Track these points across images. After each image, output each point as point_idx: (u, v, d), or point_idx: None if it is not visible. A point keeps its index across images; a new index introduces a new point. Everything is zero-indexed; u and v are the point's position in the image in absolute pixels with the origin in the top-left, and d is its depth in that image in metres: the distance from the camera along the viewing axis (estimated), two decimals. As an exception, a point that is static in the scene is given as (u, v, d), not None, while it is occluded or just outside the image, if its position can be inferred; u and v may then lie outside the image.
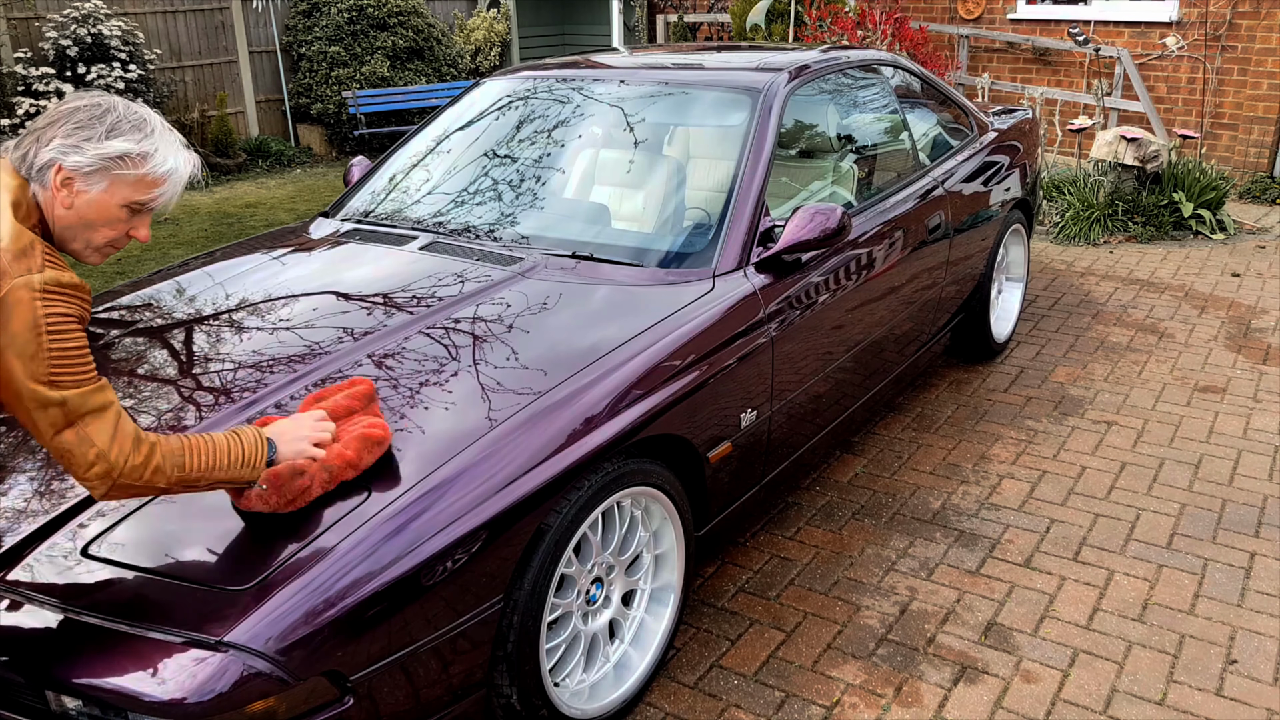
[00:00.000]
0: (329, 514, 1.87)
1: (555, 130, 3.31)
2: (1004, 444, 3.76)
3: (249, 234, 7.11)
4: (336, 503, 1.90)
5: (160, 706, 1.61)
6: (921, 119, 3.98)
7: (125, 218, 1.71)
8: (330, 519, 1.86)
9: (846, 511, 3.32)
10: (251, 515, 1.89)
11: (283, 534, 1.84)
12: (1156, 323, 5.01)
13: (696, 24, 10.75)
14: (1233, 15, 7.76)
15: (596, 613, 2.38)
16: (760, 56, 3.49)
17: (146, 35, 9.26)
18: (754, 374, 2.65)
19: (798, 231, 2.75)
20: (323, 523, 1.85)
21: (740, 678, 2.55)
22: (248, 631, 1.67)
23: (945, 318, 3.96)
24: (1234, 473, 3.52)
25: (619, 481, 2.24)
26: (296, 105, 10.68)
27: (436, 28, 11.06)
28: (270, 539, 1.83)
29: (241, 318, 2.63)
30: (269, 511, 1.86)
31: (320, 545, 1.80)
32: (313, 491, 1.88)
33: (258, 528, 1.86)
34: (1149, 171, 6.58)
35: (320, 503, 1.90)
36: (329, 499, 1.91)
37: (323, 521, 1.86)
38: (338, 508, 1.88)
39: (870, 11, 8.05)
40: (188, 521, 1.89)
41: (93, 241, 1.71)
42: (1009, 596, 2.86)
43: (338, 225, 3.28)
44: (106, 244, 1.72)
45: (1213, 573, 2.95)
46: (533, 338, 2.40)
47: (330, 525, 1.85)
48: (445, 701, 1.95)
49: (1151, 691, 2.47)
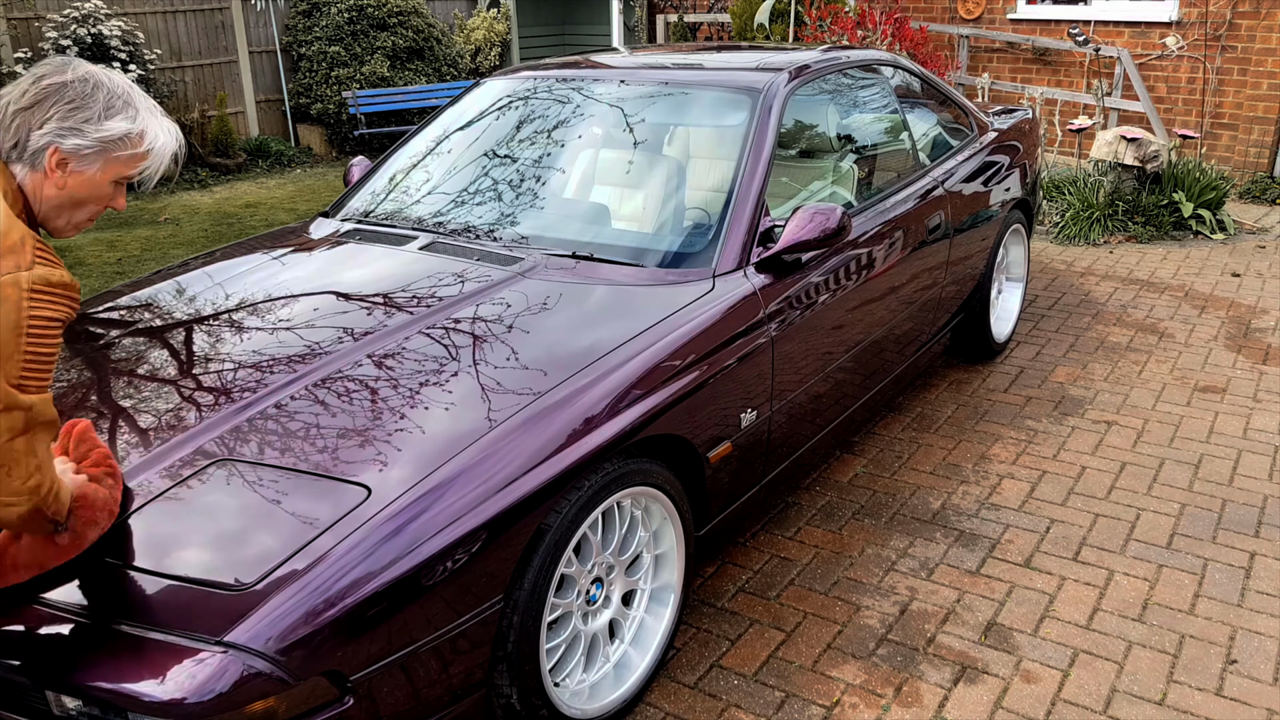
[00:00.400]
0: (329, 514, 1.87)
1: (555, 130, 3.31)
2: (1004, 444, 3.76)
3: (249, 234, 7.11)
4: (337, 503, 1.90)
5: (160, 706, 1.61)
6: (921, 119, 3.98)
7: (112, 193, 1.72)
8: (330, 519, 1.86)
9: (846, 511, 3.32)
10: (251, 515, 1.89)
11: (283, 534, 1.84)
12: (1156, 323, 5.01)
13: (696, 24, 10.75)
14: (1233, 15, 7.76)
15: (596, 613, 2.38)
16: (760, 56, 3.49)
17: (146, 35, 9.26)
18: (754, 374, 2.65)
19: (798, 231, 2.75)
20: (323, 523, 1.85)
21: (740, 678, 2.55)
22: (248, 631, 1.67)
23: (945, 318, 3.96)
24: (1234, 473, 3.52)
25: (619, 481, 2.24)
26: (296, 105, 10.68)
27: (436, 28, 11.06)
28: (270, 539, 1.83)
29: (241, 318, 2.63)
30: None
31: (320, 545, 1.81)
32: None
33: (258, 528, 1.86)
34: (1149, 171, 6.58)
35: (320, 503, 1.90)
36: (330, 500, 1.91)
37: (323, 522, 1.86)
38: (338, 508, 1.89)
39: (870, 11, 8.05)
40: (188, 521, 1.89)
41: (75, 218, 1.70)
42: (1009, 596, 2.86)
43: (338, 225, 3.28)
44: (88, 219, 1.72)
45: (1213, 573, 2.95)
46: (533, 338, 2.40)
47: (330, 525, 1.85)
48: (445, 701, 1.95)
49: (1151, 691, 2.48)
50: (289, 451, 2.05)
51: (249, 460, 2.03)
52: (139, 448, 2.10)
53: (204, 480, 1.99)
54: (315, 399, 2.21)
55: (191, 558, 1.81)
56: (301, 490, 1.94)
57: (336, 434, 2.08)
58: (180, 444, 2.10)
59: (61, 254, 6.69)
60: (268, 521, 1.87)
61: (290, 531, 1.84)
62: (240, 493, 1.95)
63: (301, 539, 1.82)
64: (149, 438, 2.13)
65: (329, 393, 2.23)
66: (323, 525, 1.85)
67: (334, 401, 2.19)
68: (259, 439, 2.09)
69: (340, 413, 2.15)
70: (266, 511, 1.89)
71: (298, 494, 1.93)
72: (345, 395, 2.21)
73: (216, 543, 1.84)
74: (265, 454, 2.05)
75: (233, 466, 2.02)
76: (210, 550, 1.82)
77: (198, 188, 9.02)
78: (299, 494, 1.93)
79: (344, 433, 2.08)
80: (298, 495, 1.93)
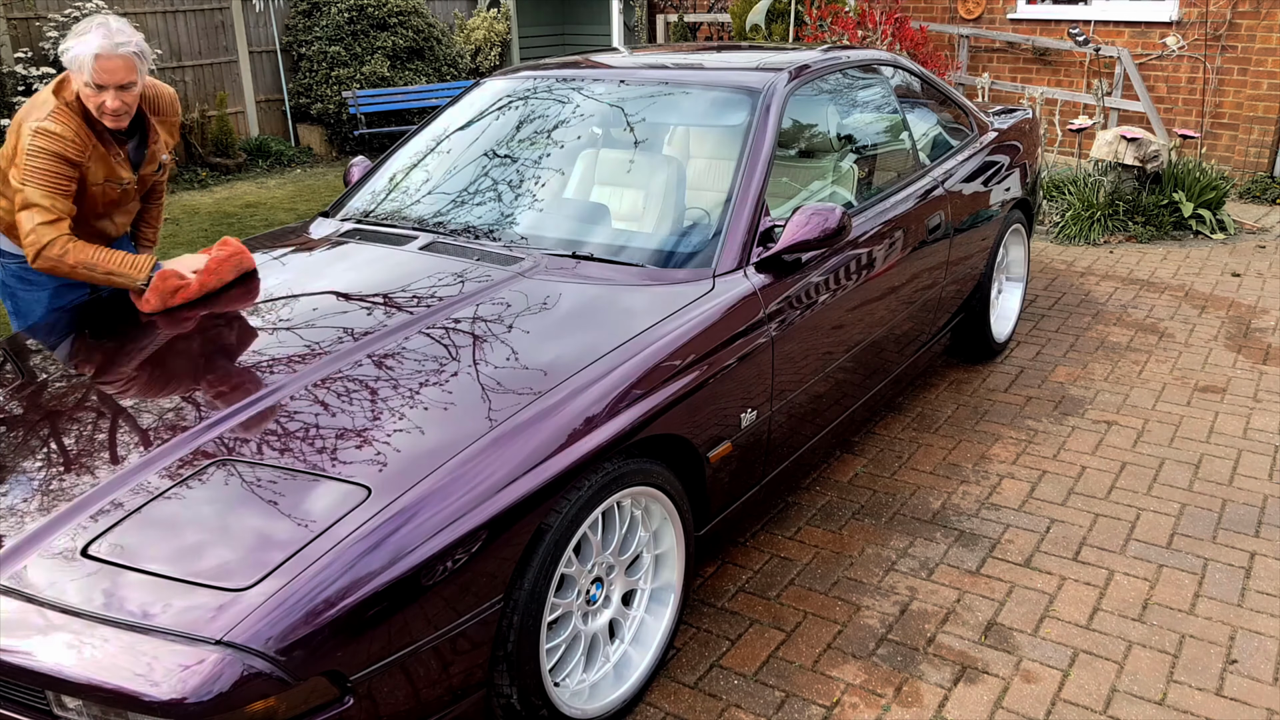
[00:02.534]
0: (329, 514, 1.87)
1: (555, 130, 3.31)
2: (1004, 444, 3.76)
3: (249, 234, 7.11)
4: (337, 503, 1.90)
5: (160, 706, 1.62)
6: (921, 119, 3.98)
7: (93, 94, 2.74)
8: (330, 519, 1.86)
9: (846, 511, 3.32)
10: (251, 515, 1.89)
11: (283, 534, 1.84)
12: (1156, 323, 5.01)
13: (696, 24, 10.75)
14: (1233, 15, 7.76)
15: (596, 613, 2.38)
16: (760, 56, 3.49)
17: (146, 35, 9.26)
18: (754, 374, 2.65)
19: (798, 231, 2.75)
20: (323, 523, 1.85)
21: (740, 678, 2.55)
22: (248, 631, 1.67)
23: (945, 318, 3.97)
24: (1234, 473, 3.52)
25: (619, 481, 2.24)
26: (296, 105, 10.68)
27: (437, 28, 11.07)
28: (270, 539, 1.83)
29: (241, 318, 2.63)
30: (150, 311, 2.72)
31: (320, 546, 1.81)
32: (186, 294, 2.73)
33: (258, 528, 1.86)
34: (1149, 171, 6.58)
35: (320, 503, 1.90)
36: (329, 500, 1.91)
37: (323, 522, 1.86)
38: (338, 508, 1.89)
39: (870, 11, 8.05)
40: (187, 521, 1.89)
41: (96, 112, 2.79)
42: (1009, 596, 2.86)
43: (338, 225, 3.28)
44: (97, 110, 2.77)
45: (1213, 573, 2.95)
46: (533, 338, 2.40)
47: (330, 525, 1.85)
48: (445, 701, 1.95)
49: (1151, 691, 2.48)
50: (289, 451, 2.05)
51: (249, 460, 2.03)
52: (139, 447, 2.10)
53: (204, 480, 1.99)
54: (315, 399, 2.21)
55: (191, 557, 1.81)
56: (301, 490, 1.94)
57: (336, 434, 2.08)
58: (180, 444, 2.10)
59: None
60: (267, 521, 1.87)
61: (290, 531, 1.84)
62: (240, 493, 1.95)
63: (301, 539, 1.82)
64: (149, 437, 2.13)
65: (329, 393, 2.23)
66: (323, 525, 1.85)
67: (334, 401, 2.19)
68: (259, 439, 2.09)
69: (340, 413, 2.15)
70: (266, 511, 1.89)
71: (297, 494, 1.93)
72: (345, 395, 2.21)
73: (216, 543, 1.84)
74: (265, 454, 2.05)
75: (232, 466, 2.02)
76: (210, 550, 1.82)
77: (198, 188, 9.02)
78: (299, 494, 1.93)
79: (344, 433, 2.08)
80: (297, 495, 1.93)
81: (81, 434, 2.19)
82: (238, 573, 1.77)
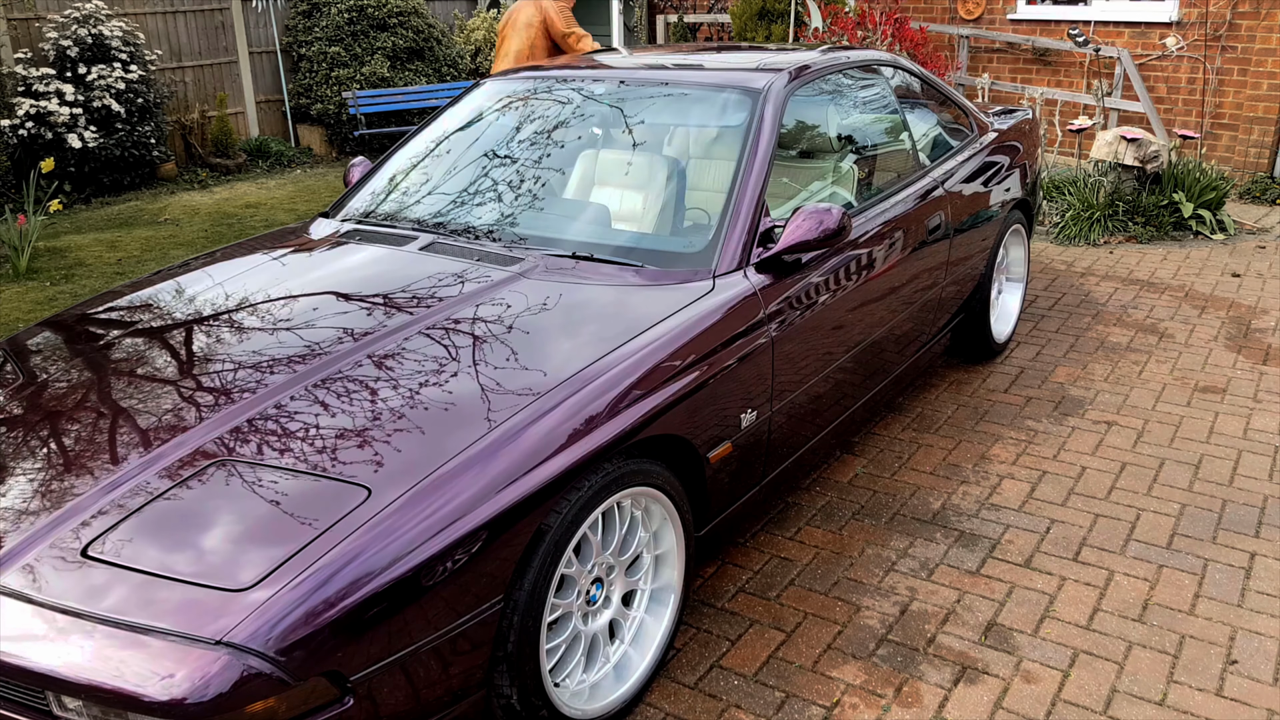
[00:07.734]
0: (329, 515, 1.87)
1: (555, 131, 3.31)
2: (1004, 444, 3.76)
3: (249, 234, 7.11)
4: (336, 504, 1.90)
5: (160, 707, 1.62)
6: (921, 119, 3.98)
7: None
8: (330, 520, 1.86)
9: (846, 512, 3.32)
10: (251, 516, 1.89)
11: (283, 535, 1.84)
12: (1156, 323, 5.01)
13: (696, 24, 10.75)
14: (1233, 15, 7.76)
15: (596, 613, 2.38)
16: (760, 57, 3.49)
17: (147, 36, 9.26)
18: (754, 374, 2.65)
19: (797, 232, 2.75)
20: (323, 523, 1.85)
21: (740, 678, 2.55)
22: (247, 631, 1.67)
23: (945, 318, 3.97)
24: (1234, 473, 3.52)
25: (619, 482, 2.24)
26: (296, 105, 10.68)
27: (437, 28, 11.06)
28: (270, 540, 1.83)
29: (241, 318, 2.63)
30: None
31: (320, 546, 1.81)
32: None
33: (258, 528, 1.86)
34: (1149, 172, 6.58)
35: (320, 503, 1.90)
36: (329, 500, 1.91)
37: (323, 522, 1.86)
38: (338, 508, 1.89)
39: (870, 12, 8.05)
40: (187, 522, 1.89)
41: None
42: (1009, 597, 2.86)
43: (338, 226, 3.28)
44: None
45: (1213, 573, 2.95)
46: (532, 338, 2.40)
47: (330, 526, 1.85)
48: (445, 702, 1.95)
49: (1152, 692, 2.48)
50: (289, 452, 2.05)
51: (249, 460, 2.03)
52: (139, 447, 2.10)
53: (204, 480, 1.99)
54: (315, 399, 2.21)
55: (191, 558, 1.81)
56: (301, 490, 1.94)
57: (336, 434, 2.08)
58: (180, 444, 2.10)
59: (63, 254, 6.69)
60: (267, 522, 1.87)
61: (290, 532, 1.84)
62: (240, 493, 1.95)
63: (301, 539, 1.82)
64: (149, 438, 2.13)
65: (329, 393, 2.23)
66: (322, 526, 1.85)
67: (334, 402, 2.19)
68: (259, 439, 2.09)
69: (340, 413, 2.15)
70: (266, 512, 1.89)
71: (297, 494, 1.93)
72: (345, 395, 2.21)
73: (216, 543, 1.84)
74: (265, 454, 2.05)
75: (233, 467, 2.02)
76: (210, 550, 1.82)
77: (198, 188, 9.02)
78: (299, 494, 1.93)
79: (344, 433, 2.09)
80: (297, 495, 1.93)
81: (81, 434, 2.19)
82: (238, 573, 1.77)
